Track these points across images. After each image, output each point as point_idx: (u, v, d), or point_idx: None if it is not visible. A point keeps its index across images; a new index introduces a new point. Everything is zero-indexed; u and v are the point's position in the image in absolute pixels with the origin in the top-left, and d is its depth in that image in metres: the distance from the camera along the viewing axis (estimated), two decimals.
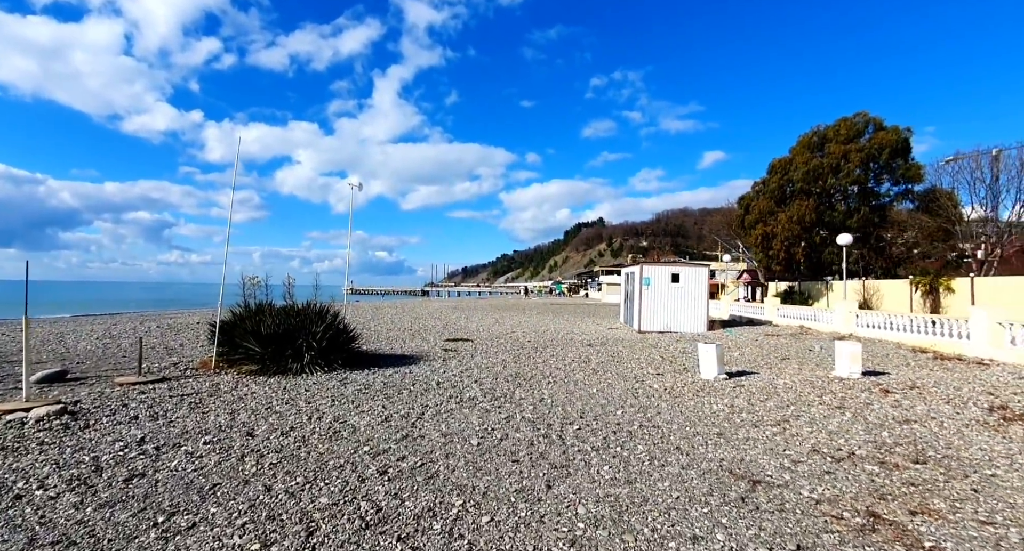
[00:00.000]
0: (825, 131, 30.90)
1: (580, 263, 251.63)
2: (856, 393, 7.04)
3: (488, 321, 20.73)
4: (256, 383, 7.47)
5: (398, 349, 11.60)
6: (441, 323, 19.31)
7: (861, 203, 29.21)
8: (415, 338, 14.01)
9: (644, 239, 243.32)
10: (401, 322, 19.57)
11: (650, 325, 16.78)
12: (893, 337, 12.94)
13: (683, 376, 8.39)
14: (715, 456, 4.36)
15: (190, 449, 4.52)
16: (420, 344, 12.66)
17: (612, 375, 8.51)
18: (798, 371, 8.80)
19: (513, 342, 13.33)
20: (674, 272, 16.97)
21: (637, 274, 17.46)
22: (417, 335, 14.82)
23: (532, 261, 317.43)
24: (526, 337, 14.58)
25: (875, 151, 27.89)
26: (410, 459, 4.28)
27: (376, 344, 12.37)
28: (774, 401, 6.56)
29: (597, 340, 14.03)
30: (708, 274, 16.99)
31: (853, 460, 4.26)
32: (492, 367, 9.21)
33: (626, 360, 10.26)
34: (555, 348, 12.14)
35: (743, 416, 5.77)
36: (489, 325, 18.72)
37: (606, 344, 13.10)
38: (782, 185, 31.42)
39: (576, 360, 10.17)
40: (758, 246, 32.52)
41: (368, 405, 6.22)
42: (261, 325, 8.60)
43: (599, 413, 5.92)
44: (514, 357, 10.55)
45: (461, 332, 15.93)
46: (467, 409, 6.09)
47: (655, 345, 12.91)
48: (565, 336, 15.02)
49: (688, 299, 16.84)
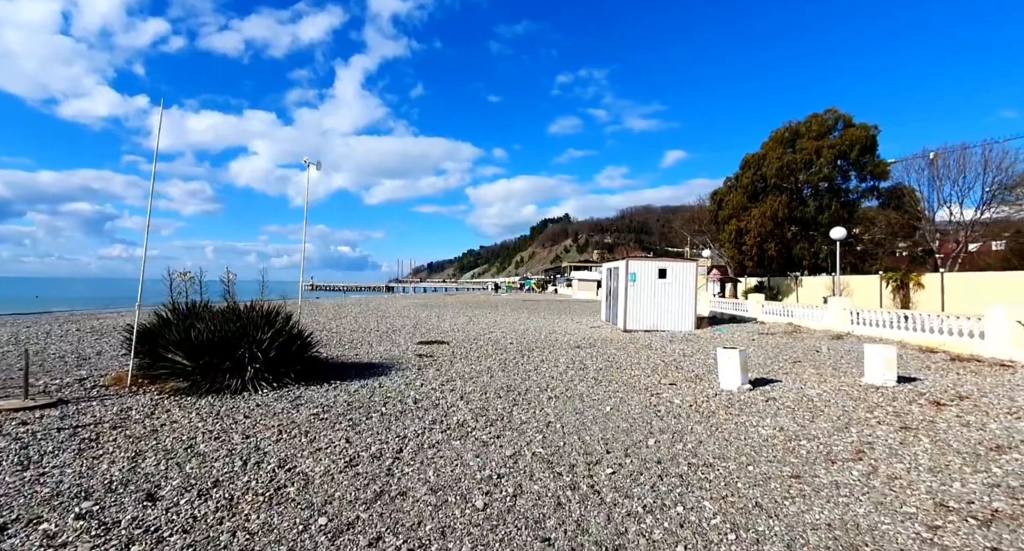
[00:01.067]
0: (797, 127, 30.91)
1: (546, 259, 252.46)
2: (906, 406, 6.11)
3: (461, 320, 19.31)
4: (181, 407, 5.84)
5: (364, 355, 10.06)
6: (411, 322, 17.76)
7: (832, 199, 29.37)
8: (383, 341, 12.46)
9: (609, 236, 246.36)
10: (367, 322, 17.88)
11: (636, 323, 15.80)
12: (894, 335, 12.37)
13: (700, 386, 7.29)
14: (816, 520, 3.18)
15: (50, 529, 2.98)
16: (390, 348, 11.14)
17: (619, 386, 7.32)
18: (822, 378, 7.87)
19: (494, 344, 12.00)
20: (661, 267, 16.04)
21: (622, 269, 16.44)
22: (385, 337, 13.26)
23: (499, 257, 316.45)
24: (506, 338, 13.28)
25: (846, 147, 28.01)
26: (389, 541, 2.90)
27: (338, 349, 10.77)
28: (823, 420, 5.51)
29: (584, 341, 12.88)
30: (696, 270, 16.15)
31: (1005, 521, 3.17)
32: (477, 377, 7.85)
33: (626, 366, 9.12)
34: (543, 351, 10.89)
35: (805, 445, 4.66)
36: (463, 324, 17.31)
37: (595, 345, 11.96)
38: (755, 181, 31.29)
39: (571, 366, 8.95)
40: (731, 241, 32.35)
41: (327, 438, 4.77)
42: (192, 331, 6.93)
43: (627, 444, 4.68)
44: (500, 363, 9.23)
45: (434, 332, 14.47)
46: (458, 440, 4.73)
47: (649, 346, 11.87)
48: (548, 336, 13.81)
49: (675, 296, 15.96)
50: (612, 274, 17.92)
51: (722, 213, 33.36)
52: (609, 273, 18.35)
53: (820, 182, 29.37)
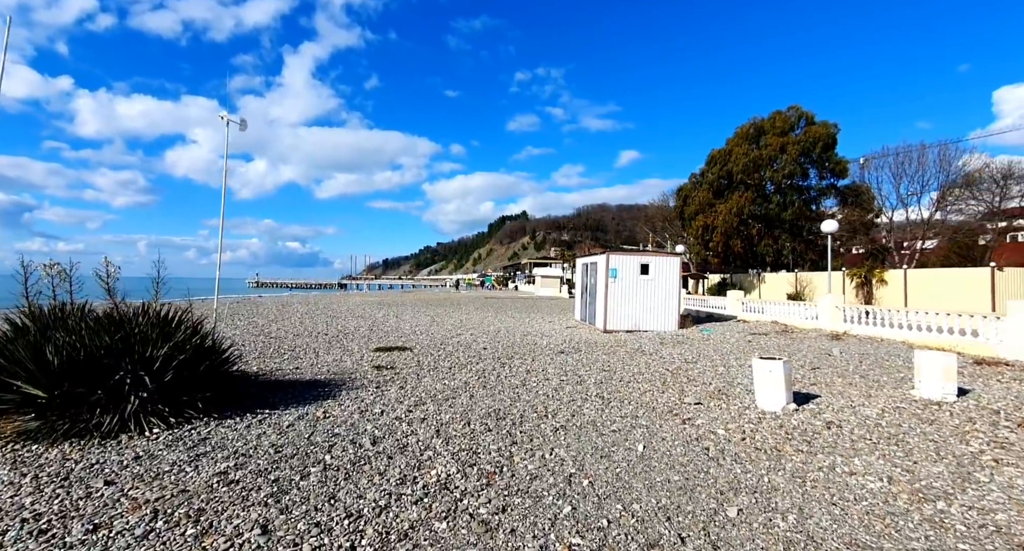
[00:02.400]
0: (761, 123, 30.83)
1: (504, 256, 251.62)
2: (994, 430, 4.95)
3: (423, 320, 17.41)
4: (16, 464, 3.83)
5: (308, 369, 8.11)
6: (366, 324, 15.71)
7: (795, 196, 29.46)
8: (332, 348, 10.47)
9: (566, 233, 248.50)
10: (314, 323, 15.67)
11: (617, 323, 14.50)
12: (895, 336, 11.62)
13: (732, 406, 5.92)
14: None
15: None
16: (340, 357, 9.21)
17: (634, 407, 5.84)
18: (863, 391, 6.70)
19: (465, 350, 10.30)
20: (643, 262, 14.82)
21: (601, 265, 15.10)
22: (335, 343, 11.25)
23: (456, 254, 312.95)
24: (478, 342, 11.59)
25: (810, 144, 28.07)
26: None
27: (275, 361, 8.74)
28: (927, 460, 4.22)
29: (566, 344, 11.40)
30: (680, 264, 15.04)
31: None
32: (454, 397, 6.15)
33: (627, 376, 7.68)
34: (524, 358, 9.30)
35: (943, 508, 3.30)
36: (426, 325, 15.45)
37: (581, 350, 10.50)
38: (721, 176, 30.99)
39: (564, 379, 7.41)
40: (697, 238, 31.99)
41: (231, 524, 2.97)
42: (47, 346, 4.85)
43: (701, 519, 3.16)
44: (478, 376, 7.55)
45: (393, 336, 12.56)
46: (444, 521, 3.05)
47: (640, 350, 10.52)
48: (524, 339, 12.24)
49: (659, 293, 14.78)
50: (589, 270, 16.57)
51: (688, 209, 32.96)
52: (585, 269, 17.00)
53: (784, 179, 29.38)
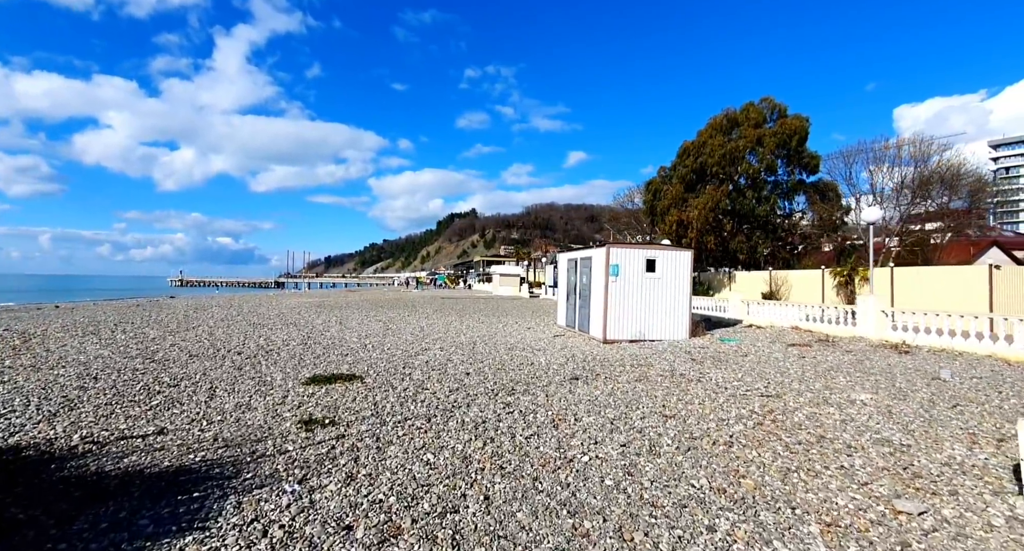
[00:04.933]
0: (735, 115, 29.50)
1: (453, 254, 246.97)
2: None
3: (374, 327, 14.00)
4: None
5: (180, 433, 4.75)
6: (300, 334, 12.14)
7: (771, 191, 28.32)
8: (242, 380, 7.04)
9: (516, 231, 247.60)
10: (228, 335, 11.92)
11: (619, 331, 11.87)
12: (979, 349, 9.57)
13: (981, 508, 3.30)
14: None
15: None
16: (248, 402, 5.86)
17: (825, 538, 3.08)
18: None
19: (441, 377, 7.21)
20: (649, 257, 12.26)
21: (597, 260, 12.41)
22: (249, 369, 7.79)
23: (403, 251, 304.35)
24: (455, 362, 8.50)
25: (787, 137, 26.93)
26: None
27: (130, 414, 5.28)
28: None
29: (573, 364, 8.56)
30: (691, 260, 12.62)
31: None
32: (455, 512, 3.13)
33: (716, 435, 4.95)
34: (531, 392, 6.37)
35: None
36: (379, 335, 12.11)
37: (599, 374, 7.69)
38: (694, 169, 29.37)
39: (625, 443, 4.55)
40: (670, 234, 30.27)
41: None
42: None
43: None
44: (478, 436, 4.55)
45: (336, 353, 9.20)
46: None
47: (677, 374, 7.87)
48: (512, 355, 9.28)
49: (667, 294, 12.29)
50: (578, 267, 13.84)
51: (660, 203, 31.19)
52: (573, 266, 14.24)
53: (759, 173, 28.15)
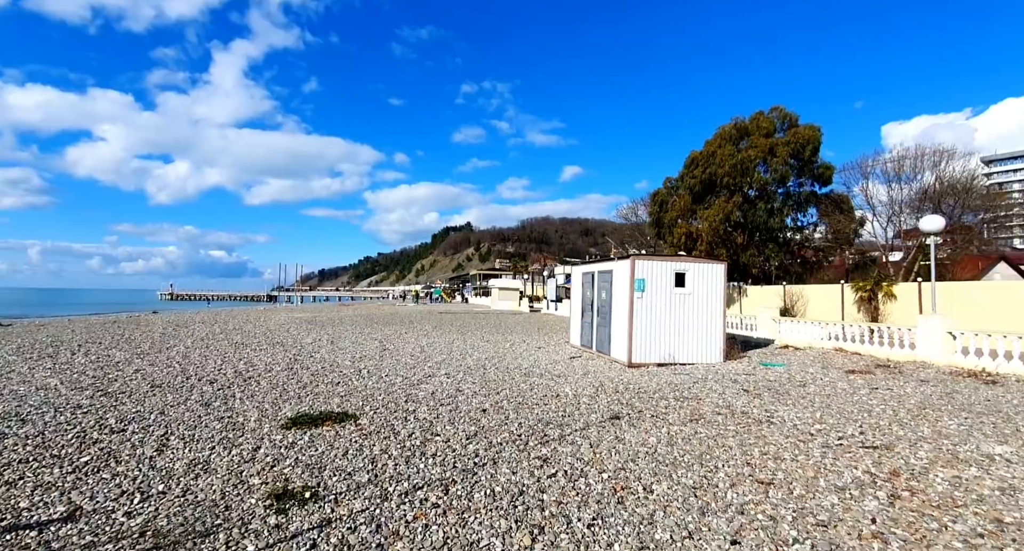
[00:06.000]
0: (745, 124, 28.62)
1: (448, 267, 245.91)
2: None
3: (370, 347, 12.60)
4: None
5: (103, 512, 3.37)
6: (286, 357, 10.72)
7: (783, 202, 27.32)
8: (204, 424, 5.64)
9: (511, 244, 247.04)
10: (204, 358, 10.49)
11: (645, 354, 10.55)
12: None
13: None
14: None
15: None
16: (206, 459, 4.47)
17: None
18: None
19: (452, 414, 5.84)
20: (679, 270, 11.00)
21: (619, 273, 11.15)
22: (218, 404, 6.38)
23: (398, 264, 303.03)
24: (466, 393, 7.13)
25: (800, 146, 26.02)
26: None
27: (43, 481, 3.90)
28: None
29: (605, 395, 7.21)
30: (725, 273, 11.37)
31: None
32: None
33: (835, 506, 3.62)
34: (566, 438, 5.02)
35: None
36: (375, 357, 10.71)
37: (641, 411, 6.36)
38: (703, 180, 28.37)
39: (725, 526, 3.22)
40: (678, 247, 29.15)
41: None
42: None
43: None
44: (518, 521, 3.19)
45: (325, 382, 7.80)
46: None
47: (738, 412, 6.54)
48: (531, 384, 7.92)
49: (699, 312, 11.00)
50: (595, 281, 12.55)
51: (667, 216, 30.13)
52: (590, 280, 12.95)
53: (770, 183, 27.18)
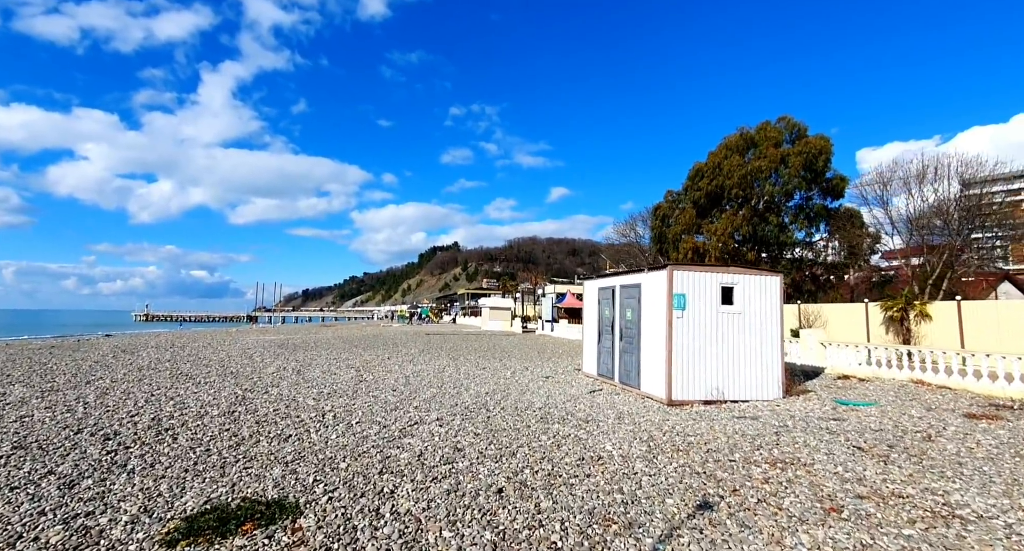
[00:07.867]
0: (751, 134, 27.25)
1: (435, 287, 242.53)
2: None
3: (343, 379, 10.21)
4: None
5: None
6: (230, 396, 8.30)
7: (795, 215, 25.76)
8: (47, 527, 3.31)
9: (498, 264, 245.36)
10: (124, 397, 8.04)
11: (688, 389, 8.40)
12: None
13: None
14: None
15: None
16: None
17: None
18: None
19: (454, 503, 3.58)
20: (725, 284, 8.94)
21: (651, 287, 9.06)
22: (87, 484, 4.01)
23: (384, 284, 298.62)
24: (467, 459, 4.88)
25: (812, 156, 24.59)
26: None
27: None
28: None
29: (670, 457, 5.00)
30: (782, 287, 9.33)
31: None
32: None
33: None
34: None
35: None
36: (348, 391, 8.34)
37: (721, 479, 4.17)
38: (709, 192, 26.77)
39: None
40: (685, 263, 27.37)
41: None
42: None
43: None
44: None
45: (268, 441, 5.47)
46: None
47: (864, 485, 4.38)
48: (547, 432, 5.69)
49: (751, 335, 8.91)
50: (616, 297, 10.42)
51: (670, 230, 28.40)
52: (608, 295, 10.82)
53: (779, 195, 25.66)
